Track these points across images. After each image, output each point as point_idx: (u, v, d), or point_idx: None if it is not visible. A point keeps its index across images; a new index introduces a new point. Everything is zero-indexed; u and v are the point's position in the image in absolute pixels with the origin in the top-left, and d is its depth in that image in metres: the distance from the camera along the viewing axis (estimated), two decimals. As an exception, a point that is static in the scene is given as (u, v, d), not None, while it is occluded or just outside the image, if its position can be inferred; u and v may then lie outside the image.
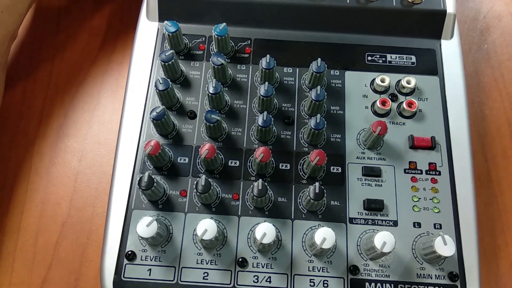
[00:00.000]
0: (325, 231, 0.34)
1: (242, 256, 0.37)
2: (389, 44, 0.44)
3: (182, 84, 0.43)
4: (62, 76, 0.49)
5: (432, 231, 0.38)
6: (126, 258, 0.37)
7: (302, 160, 0.40)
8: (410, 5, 0.44)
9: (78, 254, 0.42)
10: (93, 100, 0.48)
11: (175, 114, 0.41)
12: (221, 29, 0.41)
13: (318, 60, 0.40)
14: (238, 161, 0.40)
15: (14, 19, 0.44)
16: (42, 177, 0.45)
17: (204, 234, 0.34)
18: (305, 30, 0.45)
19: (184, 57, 0.44)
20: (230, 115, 0.42)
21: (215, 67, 0.40)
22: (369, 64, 0.44)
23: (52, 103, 0.48)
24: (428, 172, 0.40)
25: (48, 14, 0.52)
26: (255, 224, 0.38)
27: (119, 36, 0.51)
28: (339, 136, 0.41)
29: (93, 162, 0.45)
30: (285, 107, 0.42)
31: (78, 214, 0.43)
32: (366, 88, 0.43)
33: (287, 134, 0.41)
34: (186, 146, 0.40)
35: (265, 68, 0.41)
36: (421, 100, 0.42)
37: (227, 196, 0.39)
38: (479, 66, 0.51)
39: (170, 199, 0.38)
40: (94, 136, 0.47)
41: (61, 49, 0.50)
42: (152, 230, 0.34)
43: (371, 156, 0.40)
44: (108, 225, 0.38)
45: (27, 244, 0.43)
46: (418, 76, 0.43)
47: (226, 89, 0.42)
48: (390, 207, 0.39)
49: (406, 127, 0.41)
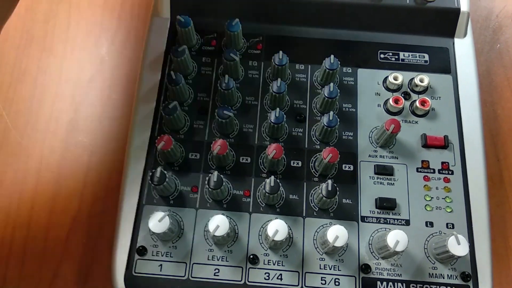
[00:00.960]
0: (338, 229, 0.34)
1: (253, 253, 0.37)
2: (402, 42, 0.44)
3: (193, 79, 0.43)
4: (72, 71, 0.49)
5: (444, 230, 0.38)
6: (137, 253, 0.37)
7: (313, 157, 0.40)
8: (424, 3, 0.43)
9: (88, 249, 0.42)
10: (103, 95, 0.48)
11: (187, 110, 0.41)
12: (234, 25, 0.41)
13: (332, 57, 0.40)
14: (249, 158, 0.40)
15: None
16: (53, 172, 0.45)
17: (216, 230, 0.34)
18: (318, 27, 0.44)
19: (196, 53, 0.44)
20: (241, 111, 0.41)
21: (228, 63, 0.40)
22: (382, 61, 0.44)
23: (63, 98, 0.48)
24: (441, 171, 0.39)
25: (59, 9, 0.52)
26: (266, 221, 0.37)
27: (130, 31, 0.51)
28: (351, 134, 0.41)
29: (103, 157, 0.45)
30: (297, 104, 0.42)
31: (88, 209, 0.43)
32: (378, 86, 0.43)
33: (298, 131, 0.41)
34: (198, 142, 0.40)
35: (278, 65, 0.40)
36: (434, 98, 0.42)
37: (238, 193, 0.39)
38: (491, 65, 0.50)
39: (182, 194, 0.38)
40: (104, 132, 0.47)
41: (72, 44, 0.50)
42: (164, 226, 0.34)
43: (383, 155, 0.40)
44: (119, 220, 0.38)
45: (38, 239, 0.43)
46: (431, 74, 0.43)
47: (238, 86, 0.42)
48: (403, 206, 0.38)
49: (419, 126, 0.41)
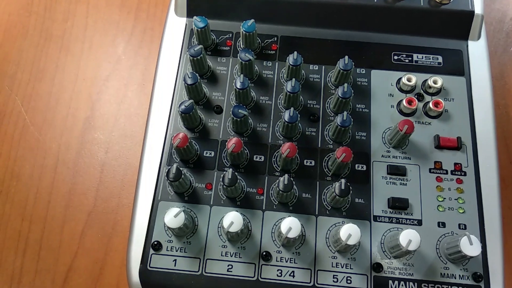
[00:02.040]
0: (351, 227, 0.35)
1: (266, 250, 0.37)
2: (416, 43, 0.44)
3: (209, 79, 0.43)
4: (89, 69, 0.50)
5: (456, 231, 0.38)
6: (152, 248, 0.37)
7: (326, 157, 0.40)
8: (438, 5, 0.43)
9: (103, 244, 0.43)
10: (119, 93, 0.49)
11: (202, 109, 0.42)
12: (249, 26, 0.42)
13: (346, 57, 0.41)
14: (263, 156, 0.40)
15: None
16: (69, 167, 0.46)
17: (231, 226, 0.34)
18: (332, 28, 0.45)
19: (211, 53, 0.44)
20: (255, 110, 0.42)
21: (243, 63, 0.41)
22: (395, 63, 0.44)
23: (79, 95, 0.49)
24: (454, 173, 0.40)
25: (77, 9, 0.53)
26: (279, 219, 0.38)
27: (146, 31, 0.52)
28: (364, 134, 0.41)
29: (119, 154, 0.46)
30: (311, 104, 0.42)
31: (103, 205, 0.44)
32: (392, 87, 0.43)
33: (312, 131, 0.41)
34: (212, 140, 0.41)
35: (292, 65, 0.41)
36: (447, 100, 0.42)
37: (252, 190, 0.39)
38: (504, 68, 0.50)
39: (196, 191, 0.39)
40: (120, 129, 0.47)
41: (89, 43, 0.51)
42: (180, 221, 0.35)
43: (396, 155, 0.40)
44: (134, 216, 0.39)
45: (54, 233, 0.43)
46: (445, 76, 0.43)
47: (252, 85, 0.43)
48: (415, 206, 0.39)
49: (432, 127, 0.41)
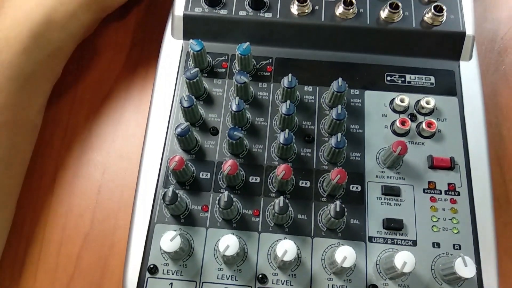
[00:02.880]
0: (346, 249, 0.35)
1: (262, 272, 0.37)
2: (409, 64, 0.45)
3: (205, 101, 0.44)
4: (87, 91, 0.51)
5: (451, 251, 0.38)
6: (148, 272, 0.37)
7: (322, 177, 0.40)
8: (430, 27, 0.44)
9: (99, 266, 0.43)
10: (116, 114, 0.49)
11: (198, 130, 0.42)
12: (245, 48, 0.42)
13: (339, 79, 0.41)
14: (258, 178, 0.41)
15: (59, 62, 0.45)
16: (66, 189, 0.46)
17: (227, 249, 0.35)
18: (326, 49, 0.46)
19: (207, 75, 0.45)
20: (251, 132, 0.42)
21: (238, 85, 0.41)
22: (389, 84, 0.44)
23: (77, 117, 0.49)
24: (447, 193, 0.40)
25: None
26: (275, 241, 0.38)
27: (143, 52, 0.53)
28: (358, 155, 0.41)
29: (116, 175, 0.46)
30: (305, 125, 0.43)
31: (100, 226, 0.44)
32: (385, 107, 0.43)
33: (307, 152, 0.42)
34: (208, 161, 0.41)
35: (287, 87, 0.41)
36: (440, 120, 0.43)
37: (248, 212, 0.39)
38: (497, 87, 0.51)
39: (192, 213, 0.39)
40: (117, 150, 0.48)
41: (86, 64, 0.52)
42: (176, 245, 0.35)
43: (390, 175, 0.41)
44: (131, 238, 0.39)
45: (50, 254, 0.43)
46: (437, 96, 0.44)
47: (248, 107, 0.43)
48: (409, 226, 0.39)
49: (425, 147, 0.42)
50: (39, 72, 0.42)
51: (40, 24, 0.41)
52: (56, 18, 0.42)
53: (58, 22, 0.42)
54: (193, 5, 0.45)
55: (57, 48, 0.44)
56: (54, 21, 0.42)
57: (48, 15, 0.41)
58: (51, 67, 0.44)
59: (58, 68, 0.46)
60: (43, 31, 0.41)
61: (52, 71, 0.45)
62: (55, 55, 0.44)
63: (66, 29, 0.43)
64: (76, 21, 0.44)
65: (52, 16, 0.42)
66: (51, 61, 0.44)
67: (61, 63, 0.46)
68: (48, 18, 0.42)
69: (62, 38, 0.44)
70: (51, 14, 0.42)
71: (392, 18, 0.44)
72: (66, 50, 0.45)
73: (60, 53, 0.45)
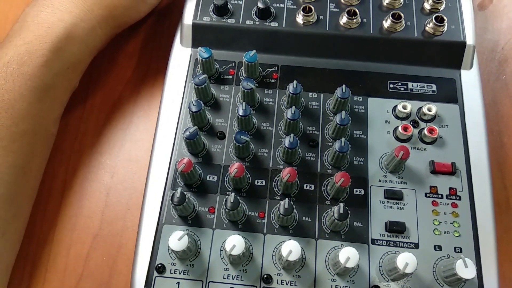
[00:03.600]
0: (349, 250, 0.36)
1: (267, 272, 0.38)
2: (411, 72, 0.46)
3: (212, 106, 0.45)
4: (97, 97, 0.52)
5: (452, 254, 0.39)
6: (156, 271, 0.38)
7: (326, 181, 0.42)
8: (431, 36, 0.46)
9: (108, 266, 0.44)
10: (126, 119, 0.51)
11: (206, 134, 0.44)
12: (251, 56, 0.44)
13: (343, 86, 0.42)
14: (264, 181, 0.42)
15: (77, 74, 0.47)
16: (76, 191, 0.47)
17: (233, 249, 0.36)
18: (330, 58, 0.47)
19: (215, 81, 0.46)
20: (257, 136, 0.44)
21: (245, 91, 0.43)
22: (391, 91, 0.46)
23: (87, 122, 0.51)
24: (449, 197, 0.41)
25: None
26: (280, 242, 0.39)
27: (152, 59, 0.54)
28: (362, 160, 0.42)
29: (124, 178, 0.48)
30: (310, 130, 0.44)
31: (109, 228, 0.45)
32: (388, 114, 0.45)
33: (311, 156, 0.43)
34: (215, 165, 0.42)
35: (292, 93, 0.43)
36: (441, 127, 0.44)
37: (253, 214, 0.40)
38: (497, 95, 0.52)
39: (199, 215, 0.40)
40: (126, 154, 0.49)
41: (97, 71, 0.53)
42: (183, 244, 0.36)
43: (393, 180, 0.42)
44: (139, 238, 0.40)
45: (60, 255, 0.44)
46: (439, 104, 0.45)
47: (254, 112, 0.45)
48: (412, 229, 0.40)
49: (427, 153, 0.43)
50: (58, 84, 0.44)
51: (61, 39, 0.43)
52: (76, 33, 0.44)
53: (78, 37, 0.44)
54: (202, 14, 0.47)
55: (76, 61, 0.46)
56: (74, 36, 0.44)
57: (68, 30, 0.43)
58: (69, 78, 0.46)
59: (75, 80, 0.48)
60: (64, 45, 0.43)
61: (70, 82, 0.46)
62: (73, 68, 0.46)
63: (85, 43, 0.45)
64: (94, 36, 0.46)
65: (72, 31, 0.44)
66: (70, 73, 0.45)
67: (78, 75, 0.48)
68: (69, 33, 0.43)
69: (81, 52, 0.46)
70: (71, 29, 0.44)
71: (395, 27, 0.46)
72: (83, 63, 0.47)
73: (78, 65, 0.46)
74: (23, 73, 0.41)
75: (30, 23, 0.43)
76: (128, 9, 0.47)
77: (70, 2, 0.44)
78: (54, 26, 0.43)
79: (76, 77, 0.47)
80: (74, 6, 0.44)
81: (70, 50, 0.44)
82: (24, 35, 0.42)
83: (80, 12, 0.44)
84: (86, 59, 0.47)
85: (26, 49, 0.42)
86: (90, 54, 0.48)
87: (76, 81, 0.48)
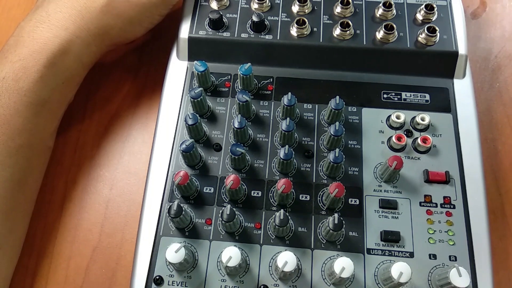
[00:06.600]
0: (344, 260, 0.36)
1: (264, 283, 0.39)
2: (404, 82, 0.47)
3: (208, 118, 0.46)
4: (96, 110, 0.53)
5: (447, 263, 0.39)
6: (154, 283, 0.39)
7: (321, 191, 0.42)
8: (424, 47, 0.46)
9: (107, 278, 0.44)
10: (124, 132, 0.51)
11: (202, 147, 0.44)
12: (246, 69, 0.44)
13: (337, 97, 0.43)
14: (260, 192, 0.42)
15: (72, 88, 0.48)
16: (75, 204, 0.48)
17: (229, 261, 0.36)
18: (324, 69, 0.48)
19: (211, 94, 0.47)
20: (253, 148, 0.44)
21: (240, 104, 0.43)
22: (385, 101, 0.46)
23: (86, 134, 0.52)
24: (443, 206, 0.41)
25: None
26: (277, 253, 0.39)
27: (149, 73, 0.55)
28: (356, 170, 0.43)
29: (123, 190, 0.48)
30: (305, 141, 0.45)
31: (108, 240, 0.46)
32: (382, 124, 0.45)
33: (307, 167, 0.43)
34: (212, 176, 0.43)
35: (287, 105, 0.43)
36: (435, 136, 0.44)
37: (250, 225, 0.41)
38: (491, 103, 0.53)
39: (196, 227, 0.41)
40: (124, 166, 0.49)
41: (95, 84, 0.54)
42: (180, 256, 0.37)
43: (387, 189, 0.42)
44: (137, 251, 0.40)
45: (60, 267, 0.45)
46: (432, 113, 0.45)
47: (250, 124, 0.45)
48: (407, 238, 0.40)
49: (421, 162, 0.43)
50: (54, 98, 0.45)
51: (56, 55, 0.44)
52: (71, 49, 0.45)
53: (73, 52, 0.45)
54: (198, 28, 0.48)
55: (71, 75, 0.46)
56: (69, 52, 0.45)
57: (63, 46, 0.44)
58: (65, 93, 0.47)
59: (71, 94, 0.48)
60: (58, 61, 0.44)
61: (65, 96, 0.47)
62: (69, 82, 0.46)
63: (79, 59, 0.46)
64: (89, 52, 0.47)
65: (67, 47, 0.44)
66: (65, 87, 0.46)
67: (74, 89, 0.48)
68: (64, 49, 0.44)
69: (76, 67, 0.46)
70: (66, 45, 0.44)
71: (388, 38, 0.46)
72: (79, 77, 0.48)
73: (73, 80, 0.47)
74: (18, 89, 0.42)
75: (26, 38, 0.44)
76: (124, 31, 0.48)
77: (67, 19, 0.44)
78: (49, 42, 0.43)
79: (71, 91, 0.48)
80: (70, 23, 0.44)
81: (65, 66, 0.45)
82: (20, 51, 0.43)
83: (76, 29, 0.45)
84: (81, 74, 0.48)
85: (21, 65, 0.42)
86: (85, 69, 0.48)
87: (71, 95, 0.48)
